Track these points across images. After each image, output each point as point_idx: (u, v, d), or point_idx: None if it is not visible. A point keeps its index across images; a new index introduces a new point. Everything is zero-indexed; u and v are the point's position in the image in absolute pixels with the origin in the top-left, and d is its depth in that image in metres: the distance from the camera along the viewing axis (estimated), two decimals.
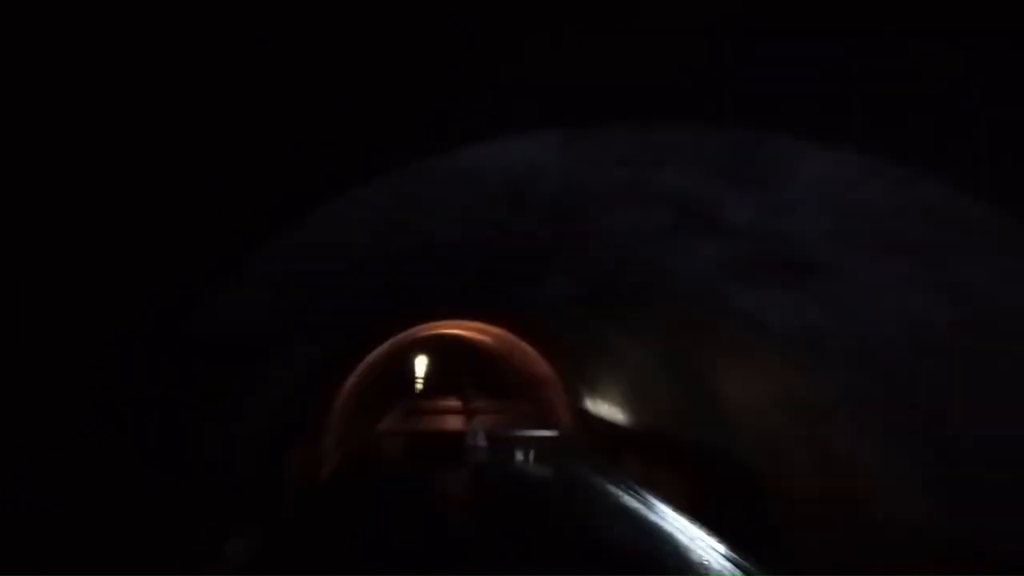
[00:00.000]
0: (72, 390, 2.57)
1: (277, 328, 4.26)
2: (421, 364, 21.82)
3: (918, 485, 3.43)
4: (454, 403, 18.33)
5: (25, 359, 2.38)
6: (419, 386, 21.81)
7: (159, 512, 3.79)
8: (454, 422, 14.41)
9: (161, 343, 2.77)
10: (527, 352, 12.28)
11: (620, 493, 8.50)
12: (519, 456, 11.16)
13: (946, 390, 2.98)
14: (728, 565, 5.70)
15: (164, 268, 2.50)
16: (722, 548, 5.92)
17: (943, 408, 3.06)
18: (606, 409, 9.32)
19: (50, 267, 2.30)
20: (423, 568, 5.71)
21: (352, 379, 9.34)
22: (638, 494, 8.11)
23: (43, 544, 2.63)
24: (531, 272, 5.08)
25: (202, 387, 3.76)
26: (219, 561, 4.79)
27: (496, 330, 12.18)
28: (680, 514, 6.97)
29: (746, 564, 5.50)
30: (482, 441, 11.43)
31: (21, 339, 2.34)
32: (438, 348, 19.89)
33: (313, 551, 6.15)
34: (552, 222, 3.47)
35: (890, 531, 3.65)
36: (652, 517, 7.38)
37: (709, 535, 6.22)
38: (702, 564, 5.90)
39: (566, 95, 2.09)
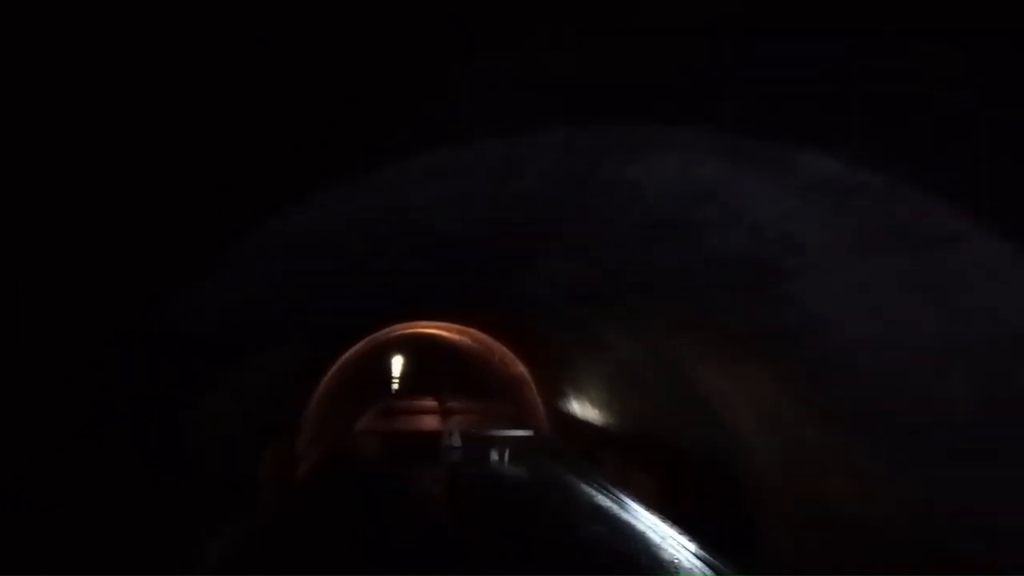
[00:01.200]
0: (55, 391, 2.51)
1: (253, 328, 4.19)
2: (397, 364, 21.63)
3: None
4: (431, 403, 18.21)
5: (17, 360, 2.32)
6: (395, 386, 21.63)
7: (157, 514, 3.75)
8: (430, 422, 14.32)
9: (141, 343, 2.72)
10: (505, 353, 12.32)
11: (594, 492, 8.59)
12: (495, 456, 11.18)
13: None
14: (698, 563, 5.83)
15: (145, 266, 2.41)
16: (692, 547, 6.04)
17: None
18: (584, 410, 9.41)
19: (31, 261, 2.23)
20: (400, 566, 5.69)
21: (328, 378, 9.24)
22: (612, 494, 8.21)
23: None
24: (521, 268, 5.01)
25: (184, 386, 3.69)
26: (204, 560, 4.78)
27: (474, 330, 12.18)
28: (652, 513, 7.08)
29: (716, 563, 5.62)
30: (457, 441, 11.41)
31: (20, 340, 2.29)
32: (415, 348, 19.73)
33: (289, 549, 6.08)
34: (550, 201, 3.26)
35: (890, 532, 3.67)
36: (625, 516, 7.49)
37: (680, 534, 6.34)
38: (673, 562, 6.01)
39: (566, 94, 2.13)
